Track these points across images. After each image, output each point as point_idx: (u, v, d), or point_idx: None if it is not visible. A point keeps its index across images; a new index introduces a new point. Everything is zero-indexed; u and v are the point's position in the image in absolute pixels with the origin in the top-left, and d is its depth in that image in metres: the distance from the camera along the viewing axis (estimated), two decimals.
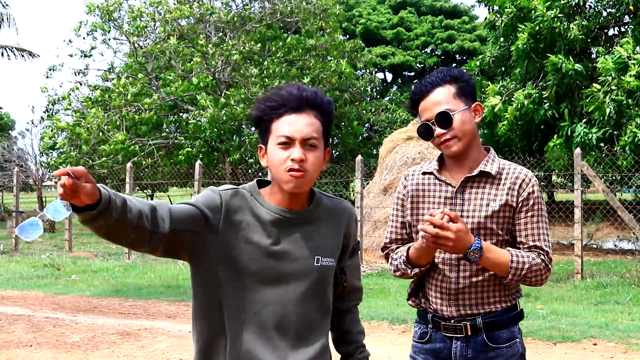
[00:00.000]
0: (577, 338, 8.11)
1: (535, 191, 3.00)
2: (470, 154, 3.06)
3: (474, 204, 3.00)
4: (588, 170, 12.86)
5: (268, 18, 26.44)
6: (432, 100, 3.01)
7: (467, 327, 3.00)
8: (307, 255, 2.57)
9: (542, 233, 2.99)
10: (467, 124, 3.00)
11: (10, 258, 17.74)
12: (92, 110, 24.01)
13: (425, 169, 3.17)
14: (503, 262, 2.91)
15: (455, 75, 3.05)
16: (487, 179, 3.03)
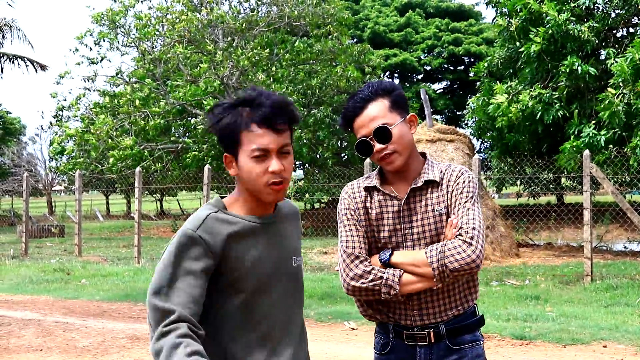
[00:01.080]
0: (586, 340, 8.09)
1: (468, 181, 2.97)
2: (411, 164, 3.02)
3: (421, 212, 2.97)
4: (597, 172, 12.84)
5: (276, 23, 26.48)
6: (367, 115, 2.96)
7: (431, 334, 2.96)
8: (285, 257, 2.58)
9: (471, 218, 2.88)
10: (405, 136, 2.97)
11: (20, 263, 17.79)
12: (100, 117, 24.09)
13: (367, 184, 3.07)
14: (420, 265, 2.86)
15: (387, 88, 3.01)
16: (431, 185, 3.00)
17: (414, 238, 2.97)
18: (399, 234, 2.99)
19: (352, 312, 10.01)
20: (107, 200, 52.80)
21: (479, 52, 39.12)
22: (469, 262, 2.81)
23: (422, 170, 3.02)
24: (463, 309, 2.99)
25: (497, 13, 20.39)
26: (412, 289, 2.90)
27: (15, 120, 49.11)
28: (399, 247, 2.99)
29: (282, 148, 2.46)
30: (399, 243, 2.99)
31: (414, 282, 2.89)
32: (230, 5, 27.95)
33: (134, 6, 26.43)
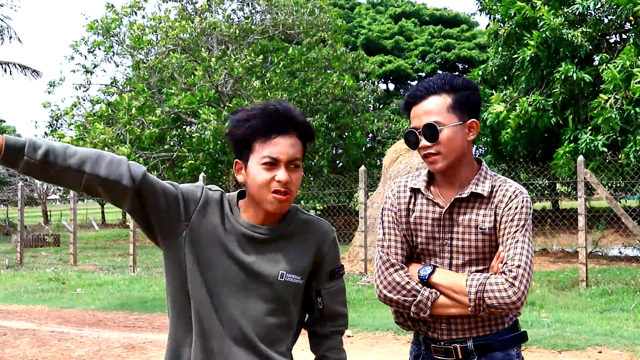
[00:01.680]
0: (582, 346, 8.09)
1: (521, 206, 2.76)
2: (460, 171, 2.84)
3: (463, 226, 2.81)
4: (591, 177, 12.87)
5: (270, 30, 26.53)
6: (423, 108, 2.80)
7: (458, 349, 2.83)
8: (271, 270, 2.58)
9: (517, 253, 2.71)
10: (456, 141, 2.78)
11: (15, 272, 17.76)
12: (96, 125, 24.08)
13: (413, 185, 2.94)
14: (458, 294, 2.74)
15: (456, 85, 2.80)
16: (478, 199, 2.81)
17: (452, 250, 2.83)
18: (437, 243, 2.85)
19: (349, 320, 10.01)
20: (102, 209, 52.76)
21: (470, 56, 39.27)
22: (508, 302, 2.66)
23: (473, 180, 2.84)
24: (497, 327, 2.84)
25: (491, 19, 20.44)
26: (445, 312, 2.79)
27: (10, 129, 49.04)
28: (436, 257, 2.86)
29: (293, 161, 2.53)
30: (436, 252, 2.86)
31: (449, 307, 2.78)
32: (224, 14, 27.98)
33: (129, 15, 26.45)
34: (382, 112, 32.80)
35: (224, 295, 2.54)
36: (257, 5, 27.44)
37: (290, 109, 2.56)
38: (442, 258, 2.84)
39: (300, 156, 2.56)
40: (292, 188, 2.53)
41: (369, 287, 13.27)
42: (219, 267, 2.54)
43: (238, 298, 2.55)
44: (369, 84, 32.01)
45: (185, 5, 27.49)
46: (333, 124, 27.33)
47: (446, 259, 2.83)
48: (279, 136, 2.51)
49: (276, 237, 2.61)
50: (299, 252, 2.64)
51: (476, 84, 3.03)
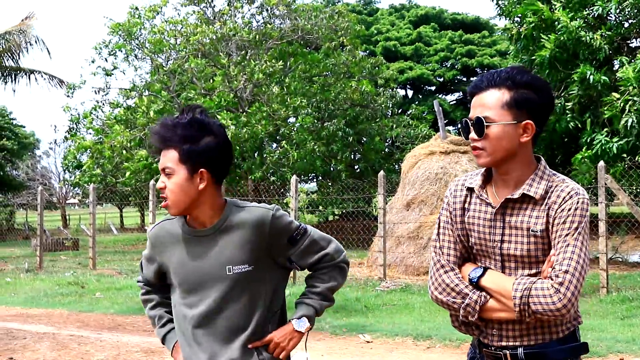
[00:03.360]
0: (603, 353, 8.02)
1: (575, 208, 2.65)
2: (514, 171, 2.74)
3: (515, 228, 2.72)
4: (612, 183, 12.77)
5: (289, 35, 26.56)
6: (480, 100, 2.72)
7: (507, 356, 2.75)
8: (216, 266, 2.88)
9: (567, 257, 2.62)
10: (505, 140, 2.68)
11: (34, 276, 17.85)
12: (115, 127, 24.18)
13: (469, 184, 2.87)
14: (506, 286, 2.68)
15: (519, 82, 2.69)
16: (531, 200, 2.71)
17: (502, 253, 2.75)
18: (489, 245, 2.78)
19: (367, 325, 9.98)
20: (121, 214, 52.94)
21: (492, 64, 39.07)
22: (553, 309, 2.58)
23: (527, 181, 2.73)
24: (550, 335, 2.75)
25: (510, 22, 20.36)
26: (494, 316, 2.73)
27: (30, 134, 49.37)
28: (487, 258, 2.81)
29: (164, 170, 2.86)
30: (489, 254, 2.80)
31: (497, 311, 2.71)
32: (244, 19, 28.05)
33: (151, 19, 26.54)
34: (401, 117, 32.74)
35: (184, 301, 2.96)
36: (277, 10, 27.49)
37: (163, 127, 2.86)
38: (494, 260, 2.78)
39: (172, 165, 2.84)
40: (167, 193, 2.86)
41: (388, 292, 13.23)
42: (179, 277, 2.95)
43: (196, 300, 2.92)
44: (387, 89, 31.98)
45: (204, 10, 27.56)
46: (352, 129, 27.31)
47: (498, 262, 2.77)
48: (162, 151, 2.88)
49: (214, 236, 2.90)
50: (240, 243, 2.88)
51: (546, 82, 2.88)
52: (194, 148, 2.81)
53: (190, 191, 2.84)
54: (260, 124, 22.99)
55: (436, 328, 9.55)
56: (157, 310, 3.18)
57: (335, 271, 3.12)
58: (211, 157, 2.85)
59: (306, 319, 3.04)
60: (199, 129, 2.84)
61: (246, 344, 2.90)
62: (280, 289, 3.05)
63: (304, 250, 3.02)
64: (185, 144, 2.81)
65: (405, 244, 16.20)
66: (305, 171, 26.30)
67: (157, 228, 3.02)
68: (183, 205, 2.85)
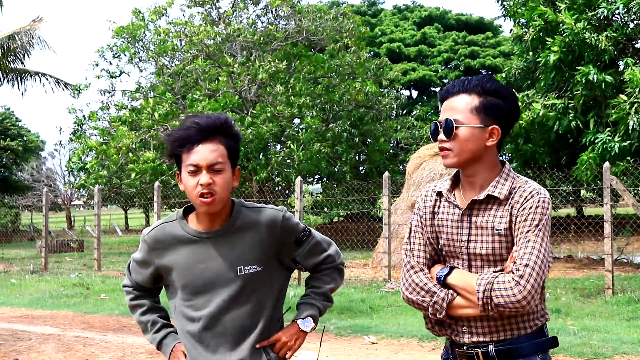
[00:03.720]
0: (609, 354, 8.00)
1: (536, 206, 2.77)
2: (479, 174, 2.87)
3: (480, 228, 2.84)
4: (618, 184, 12.74)
5: (294, 37, 26.56)
6: (451, 104, 2.86)
7: (479, 354, 2.84)
8: (227, 268, 2.90)
9: (527, 252, 2.72)
10: (472, 142, 2.81)
11: (40, 278, 17.88)
12: (120, 129, 24.19)
13: (439, 188, 3.00)
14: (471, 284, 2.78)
15: (488, 89, 2.83)
16: (495, 201, 2.83)
17: (469, 252, 2.87)
18: (456, 245, 2.90)
19: (372, 326, 9.98)
20: (125, 215, 53.06)
21: (495, 65, 39.04)
22: (513, 301, 2.68)
23: (492, 183, 2.86)
24: (518, 331, 2.83)
25: (515, 23, 20.37)
26: (461, 313, 2.83)
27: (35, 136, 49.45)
28: (455, 259, 2.92)
29: (214, 165, 2.83)
30: (457, 254, 2.91)
31: (464, 307, 2.82)
32: (248, 20, 28.05)
33: (155, 21, 26.56)
34: (406, 118, 32.73)
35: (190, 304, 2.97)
36: (281, 11, 27.50)
37: (206, 118, 2.87)
38: (462, 260, 2.89)
39: (223, 160, 2.86)
40: (217, 189, 2.82)
41: (393, 293, 13.22)
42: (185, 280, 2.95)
43: (204, 302, 2.93)
44: (392, 91, 31.96)
45: (209, 11, 27.58)
46: (356, 130, 27.29)
47: (465, 261, 2.88)
48: (198, 145, 2.83)
49: (223, 237, 2.92)
50: (251, 244, 2.92)
51: (513, 91, 3.03)
52: (236, 146, 2.92)
53: (230, 188, 2.89)
54: (265, 124, 23.00)
55: None
56: (149, 315, 3.23)
57: (335, 272, 3.18)
58: (237, 157, 2.95)
59: (311, 319, 3.07)
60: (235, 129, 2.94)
61: (255, 344, 2.93)
62: (284, 289, 3.09)
63: (309, 252, 3.07)
64: (232, 140, 2.90)
65: None
66: (310, 172, 26.30)
67: (157, 230, 3.00)
68: (225, 201, 2.90)
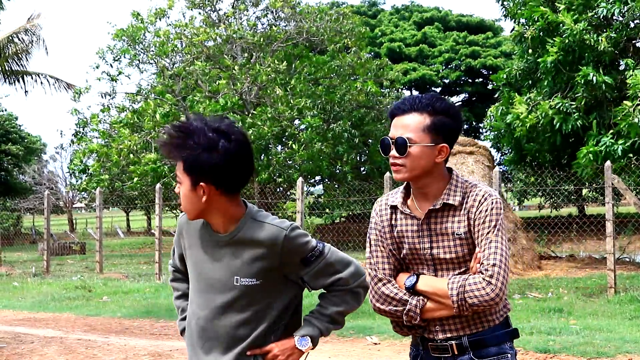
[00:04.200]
0: (611, 354, 7.99)
1: (490, 208, 2.94)
2: (431, 185, 3.03)
3: (441, 234, 3.00)
4: (619, 183, 12.73)
5: (294, 37, 26.57)
6: (402, 121, 2.98)
7: (454, 346, 3.02)
8: (226, 274, 2.88)
9: (492, 252, 2.90)
10: (423, 159, 2.96)
11: (42, 280, 17.88)
12: (122, 131, 24.19)
13: (392, 202, 3.14)
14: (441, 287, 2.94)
15: (438, 109, 2.97)
16: (451, 208, 3.00)
17: (434, 259, 3.03)
18: (420, 253, 3.04)
19: (374, 327, 9.97)
20: (127, 217, 53.06)
21: (495, 65, 39.03)
22: (487, 299, 2.87)
23: (445, 191, 3.01)
24: (488, 323, 3.02)
25: (516, 23, 20.38)
26: (434, 315, 2.99)
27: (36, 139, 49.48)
28: (420, 265, 3.07)
29: (176, 176, 2.87)
30: (421, 261, 3.06)
31: (437, 310, 2.98)
32: (249, 21, 28.06)
33: (154, 23, 26.57)
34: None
35: (195, 299, 2.97)
36: (281, 12, 27.51)
37: (168, 132, 2.86)
38: (427, 266, 3.05)
39: (180, 171, 2.82)
40: (180, 200, 2.88)
41: None
42: (194, 274, 2.98)
43: (204, 301, 2.92)
44: (393, 91, 31.94)
45: (209, 13, 27.59)
46: (357, 130, 27.29)
47: (431, 267, 3.04)
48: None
49: (229, 243, 2.89)
50: (251, 257, 2.87)
51: (459, 109, 3.18)
52: (194, 159, 2.74)
53: (194, 201, 2.82)
54: (266, 125, 23.00)
55: None
56: (180, 301, 3.22)
57: (348, 295, 3.04)
58: (213, 170, 2.75)
59: (309, 339, 2.98)
60: (204, 139, 2.76)
61: (244, 352, 2.89)
62: (294, 302, 3.03)
63: (317, 272, 2.96)
64: (187, 154, 2.75)
65: None
66: (312, 173, 26.30)
67: (185, 217, 2.99)
68: (193, 212, 2.87)
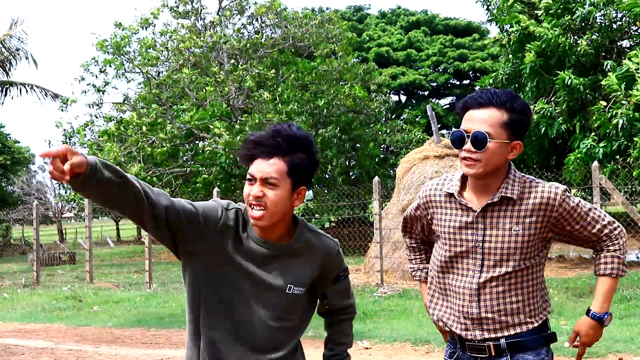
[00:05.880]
0: (602, 353, 8.02)
1: (567, 200, 3.01)
2: (492, 179, 3.03)
3: (497, 228, 3.00)
4: (607, 183, 12.79)
5: (280, 44, 26.60)
6: (480, 115, 2.96)
7: (491, 347, 3.03)
8: (281, 285, 2.85)
9: (597, 220, 3.06)
10: (498, 156, 2.96)
11: (32, 291, 17.80)
12: (108, 144, 24.14)
13: (447, 189, 3.15)
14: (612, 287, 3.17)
15: (515, 108, 2.97)
16: (509, 202, 3.01)
17: (484, 252, 3.03)
18: (469, 246, 3.06)
19: (366, 331, 9.97)
20: (117, 226, 52.89)
21: (484, 67, 39.12)
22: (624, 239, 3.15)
23: (502, 185, 3.03)
24: (526, 325, 3.06)
25: (500, 29, 20.51)
26: None
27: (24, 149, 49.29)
28: (466, 258, 3.07)
29: (267, 179, 2.73)
30: (467, 255, 3.08)
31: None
32: (235, 28, 28.08)
33: (137, 32, 26.55)
34: (395, 122, 32.75)
35: (234, 303, 2.81)
36: (267, 19, 27.53)
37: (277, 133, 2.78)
38: (474, 259, 3.05)
39: (278, 176, 2.74)
40: (268, 203, 2.74)
41: (386, 298, 13.23)
42: (230, 278, 2.81)
43: (247, 306, 2.82)
44: (380, 95, 31.99)
45: (195, 22, 27.58)
46: (346, 135, 27.31)
47: (478, 260, 3.04)
48: (260, 159, 2.75)
49: (284, 254, 2.87)
50: (304, 267, 2.92)
51: (530, 109, 3.28)
52: (300, 164, 2.79)
53: (287, 205, 2.81)
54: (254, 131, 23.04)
55: (434, 333, 9.53)
56: None
57: (350, 325, 3.24)
58: (310, 176, 2.87)
59: None
60: (308, 145, 2.85)
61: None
62: (310, 317, 3.11)
63: (340, 292, 3.12)
64: (296, 157, 2.78)
65: (402, 249, 16.18)
66: None
67: (233, 206, 2.92)
68: (277, 218, 2.80)
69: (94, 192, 2.45)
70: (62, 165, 2.29)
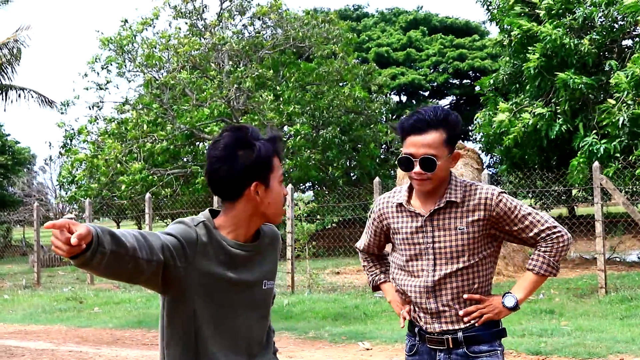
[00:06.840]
0: (603, 354, 8.00)
1: (504, 200, 3.26)
2: (438, 189, 3.31)
3: (443, 229, 3.27)
4: (607, 183, 12.77)
5: (281, 45, 26.59)
6: (423, 140, 3.20)
7: (449, 340, 3.27)
8: (256, 281, 2.84)
9: (534, 224, 3.27)
10: (445, 170, 3.27)
11: (32, 292, 17.81)
12: (109, 142, 24.15)
13: (397, 200, 3.43)
14: (533, 283, 3.35)
15: (449, 122, 3.23)
16: (453, 205, 3.28)
17: (435, 252, 3.29)
18: (422, 248, 3.31)
19: (367, 332, 9.97)
20: (118, 227, 52.87)
21: (483, 67, 39.12)
22: (567, 240, 3.33)
23: (447, 191, 3.30)
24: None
25: (500, 29, 20.49)
26: None
27: (25, 150, 49.29)
28: (420, 259, 3.32)
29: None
30: (421, 256, 3.32)
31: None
32: (235, 29, 28.07)
33: (142, 32, 26.53)
34: (395, 123, 32.73)
35: (228, 315, 2.75)
36: (268, 19, 27.51)
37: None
38: (427, 260, 3.30)
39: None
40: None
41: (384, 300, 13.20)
42: (220, 290, 2.72)
43: (240, 313, 2.78)
44: (380, 95, 31.98)
45: (195, 22, 27.57)
46: (346, 136, 27.31)
47: (430, 260, 3.29)
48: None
49: (257, 252, 2.85)
50: (270, 259, 2.94)
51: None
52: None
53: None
54: None
55: None
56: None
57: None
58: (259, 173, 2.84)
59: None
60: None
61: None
62: None
63: None
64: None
65: None
66: (300, 180, 26.30)
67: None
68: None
69: (98, 267, 2.33)
70: (68, 236, 2.19)
